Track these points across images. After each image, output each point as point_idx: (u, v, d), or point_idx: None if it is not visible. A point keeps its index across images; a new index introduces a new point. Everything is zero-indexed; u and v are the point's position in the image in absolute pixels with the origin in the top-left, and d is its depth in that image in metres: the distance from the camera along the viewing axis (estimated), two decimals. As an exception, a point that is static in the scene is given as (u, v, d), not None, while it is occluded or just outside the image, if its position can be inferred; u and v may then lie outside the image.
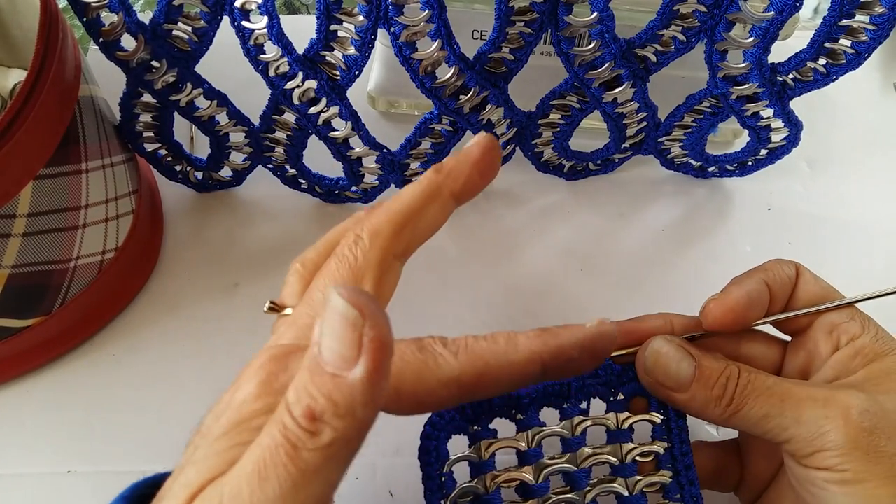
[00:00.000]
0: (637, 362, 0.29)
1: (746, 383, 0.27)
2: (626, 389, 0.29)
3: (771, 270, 0.30)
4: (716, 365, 0.28)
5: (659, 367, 0.28)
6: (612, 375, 0.29)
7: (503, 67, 0.35)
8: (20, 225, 0.31)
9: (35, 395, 0.36)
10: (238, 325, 0.39)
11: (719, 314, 0.29)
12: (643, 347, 0.29)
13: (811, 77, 0.36)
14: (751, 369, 0.28)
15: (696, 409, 0.28)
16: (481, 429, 0.27)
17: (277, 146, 0.40)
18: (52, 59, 0.30)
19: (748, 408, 0.27)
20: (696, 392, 0.28)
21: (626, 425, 0.29)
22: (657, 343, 0.29)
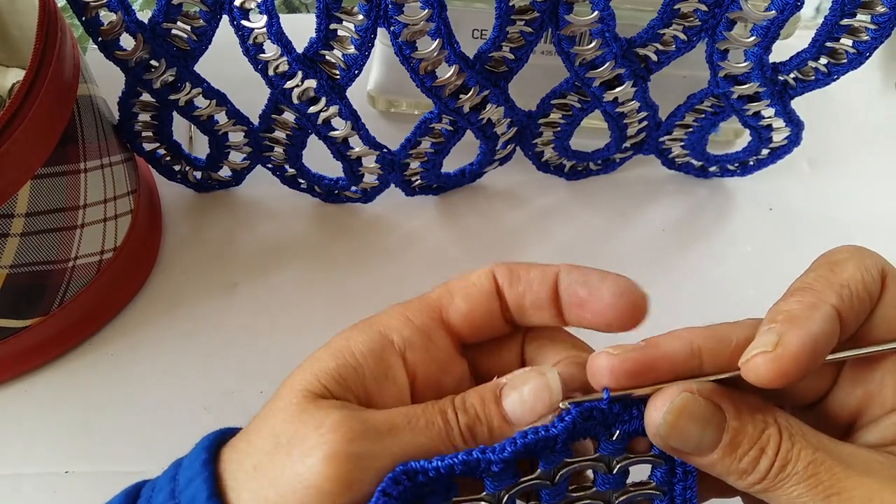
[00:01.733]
0: (647, 419, 0.23)
1: (786, 462, 0.21)
2: (625, 429, 0.24)
3: (849, 288, 0.22)
4: (749, 429, 0.22)
5: (676, 434, 0.22)
6: (610, 415, 0.24)
7: (503, 66, 0.35)
8: (18, 224, 0.31)
9: (33, 395, 0.36)
10: (237, 324, 0.39)
11: (770, 378, 0.21)
12: (657, 402, 0.22)
13: (812, 76, 0.35)
14: (794, 433, 0.22)
15: (714, 473, 0.23)
16: (436, 490, 0.23)
17: (277, 146, 0.40)
18: (51, 58, 0.30)
19: (782, 493, 0.21)
20: (720, 460, 0.22)
21: (620, 469, 0.24)
22: (678, 401, 0.22)
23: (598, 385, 0.23)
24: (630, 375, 0.23)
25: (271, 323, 0.39)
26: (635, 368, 0.23)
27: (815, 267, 0.23)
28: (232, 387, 0.37)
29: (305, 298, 0.40)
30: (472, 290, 0.26)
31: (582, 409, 0.23)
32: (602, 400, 0.23)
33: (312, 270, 0.41)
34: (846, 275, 0.22)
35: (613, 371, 0.23)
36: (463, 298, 0.25)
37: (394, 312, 0.26)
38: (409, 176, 0.41)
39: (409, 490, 0.22)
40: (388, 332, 0.25)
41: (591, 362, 0.23)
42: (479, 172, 0.43)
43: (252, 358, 0.38)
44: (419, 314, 0.25)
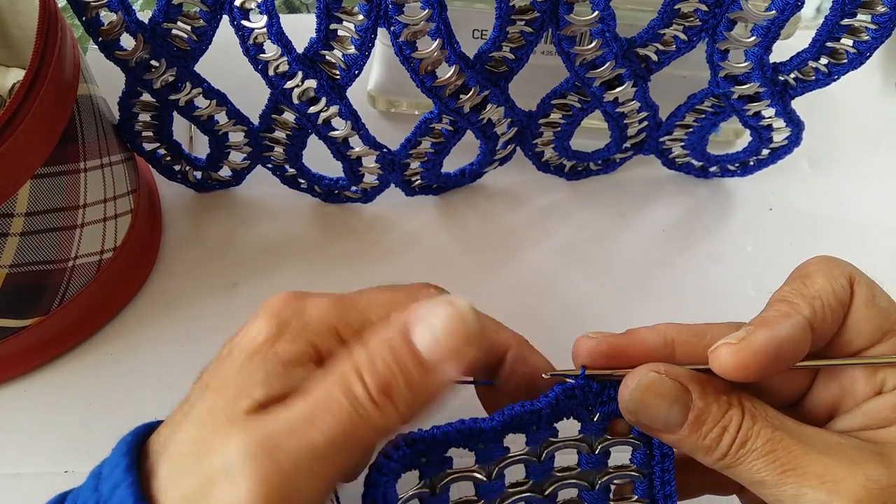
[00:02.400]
0: (620, 395, 0.25)
1: (746, 438, 0.23)
2: (604, 410, 0.26)
3: (819, 300, 0.24)
4: (714, 409, 0.24)
5: (644, 410, 0.24)
6: (590, 395, 0.26)
7: (504, 67, 0.35)
8: (18, 224, 0.31)
9: (33, 395, 0.36)
10: (237, 324, 0.39)
11: (731, 366, 0.23)
12: (628, 381, 0.25)
13: (813, 76, 0.35)
14: (756, 414, 0.24)
15: (682, 450, 0.25)
16: (432, 460, 0.24)
17: (277, 146, 0.40)
18: (51, 57, 0.30)
19: (743, 468, 0.23)
20: (686, 437, 0.24)
21: (601, 450, 0.26)
22: (645, 380, 0.24)
23: (577, 365, 0.26)
24: (605, 356, 0.25)
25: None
26: (610, 351, 0.25)
27: (789, 280, 0.25)
28: (232, 387, 0.37)
29: (305, 298, 0.40)
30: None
31: (564, 387, 0.25)
32: (578, 376, 0.25)
33: (312, 270, 0.41)
34: (817, 286, 0.24)
35: (590, 351, 0.25)
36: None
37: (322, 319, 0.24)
38: (409, 176, 0.41)
39: (407, 457, 0.23)
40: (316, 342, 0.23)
41: (575, 345, 0.26)
42: (480, 172, 0.43)
43: (252, 358, 0.38)
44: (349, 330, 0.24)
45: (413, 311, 0.22)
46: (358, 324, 0.24)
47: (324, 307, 0.24)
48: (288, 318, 0.24)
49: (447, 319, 0.22)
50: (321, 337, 0.23)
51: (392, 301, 0.24)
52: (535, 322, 0.40)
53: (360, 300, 0.25)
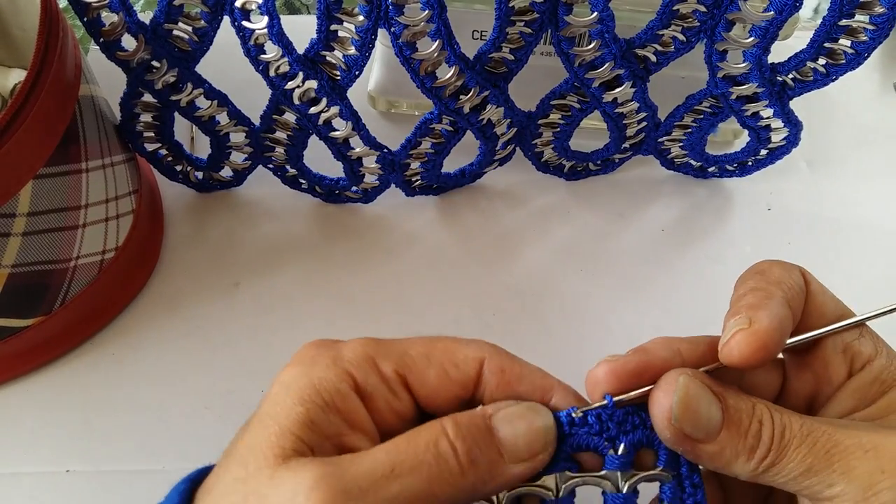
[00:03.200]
0: (654, 407, 0.23)
1: (783, 427, 0.22)
2: (628, 440, 0.23)
3: (784, 283, 0.24)
4: (743, 406, 0.23)
5: (688, 416, 0.23)
6: (611, 423, 0.23)
7: (503, 67, 0.35)
8: (20, 224, 0.31)
9: (35, 395, 0.36)
10: (238, 324, 0.39)
11: (750, 351, 0.23)
12: (664, 388, 0.23)
13: (811, 77, 0.36)
14: (778, 408, 0.23)
15: (721, 462, 0.23)
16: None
17: (278, 146, 0.40)
18: (53, 58, 0.30)
19: (787, 460, 0.22)
20: (726, 442, 0.23)
21: (629, 486, 0.23)
22: (686, 383, 0.23)
23: (598, 393, 0.24)
24: (631, 376, 0.24)
25: (272, 322, 0.39)
26: (636, 369, 0.24)
27: (745, 278, 0.26)
28: (233, 386, 0.37)
29: (306, 298, 0.40)
30: (451, 371, 0.24)
31: (586, 412, 0.24)
32: (607, 406, 0.24)
33: (313, 270, 0.41)
34: (776, 276, 0.25)
35: (616, 373, 0.24)
36: (437, 376, 0.24)
37: (358, 350, 0.23)
38: (409, 176, 0.41)
39: None
40: (353, 371, 0.23)
41: (591, 374, 0.24)
42: (479, 173, 0.43)
43: (253, 357, 0.38)
44: (387, 362, 0.23)
45: (501, 410, 0.23)
46: (396, 356, 0.23)
47: (357, 342, 0.24)
48: (320, 353, 0.23)
49: (536, 426, 0.23)
50: (357, 366, 0.23)
51: (430, 341, 0.24)
52: (535, 322, 0.40)
53: (396, 341, 0.24)
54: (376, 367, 0.23)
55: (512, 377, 0.24)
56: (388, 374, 0.23)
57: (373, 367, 0.23)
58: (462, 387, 0.24)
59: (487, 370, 0.24)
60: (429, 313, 0.40)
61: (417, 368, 0.23)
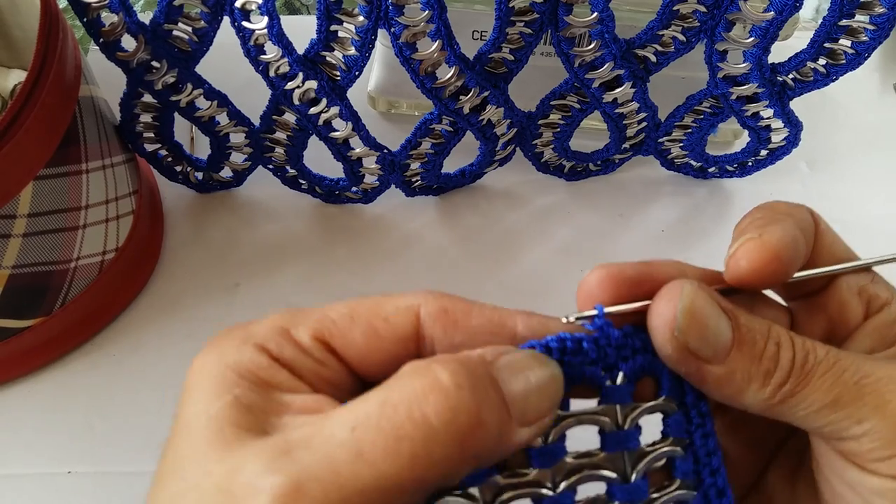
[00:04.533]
0: (654, 318, 0.20)
1: (805, 354, 0.20)
2: (628, 367, 0.20)
3: (794, 216, 0.22)
4: (757, 325, 0.20)
5: (695, 329, 0.19)
6: (609, 348, 0.20)
7: (503, 68, 0.35)
8: (20, 225, 0.31)
9: (35, 396, 0.36)
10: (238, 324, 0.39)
11: (761, 261, 0.20)
12: (666, 296, 0.20)
13: (811, 77, 0.36)
14: (796, 335, 0.20)
15: (731, 389, 0.20)
16: None
17: (278, 147, 0.40)
18: (53, 59, 0.30)
19: (811, 389, 0.19)
20: (737, 364, 0.20)
21: (631, 422, 0.20)
22: (692, 291, 0.20)
23: (591, 304, 0.21)
24: (630, 284, 0.20)
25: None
26: (636, 277, 0.21)
27: (751, 212, 0.23)
28: (233, 387, 0.37)
29: (306, 298, 0.40)
30: (380, 327, 0.20)
31: (569, 337, 0.20)
32: (597, 316, 0.20)
33: (313, 270, 0.41)
34: (783, 208, 0.22)
35: (613, 278, 0.20)
36: (365, 335, 0.20)
37: (269, 324, 0.20)
38: (409, 177, 0.41)
39: None
40: (265, 345, 0.20)
41: (584, 282, 0.21)
42: (479, 173, 0.43)
43: (253, 358, 0.38)
44: (303, 329, 0.20)
45: (503, 355, 0.19)
46: (313, 321, 0.20)
47: (269, 317, 0.20)
48: (230, 335, 0.20)
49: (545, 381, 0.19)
50: (270, 339, 0.19)
51: (355, 300, 0.20)
52: (534, 322, 0.40)
53: (315, 308, 0.21)
54: (291, 338, 0.20)
55: (458, 315, 0.20)
56: (306, 341, 0.20)
57: (287, 337, 0.20)
58: (398, 343, 0.20)
59: (426, 317, 0.20)
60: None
61: (340, 330, 0.20)
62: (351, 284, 0.41)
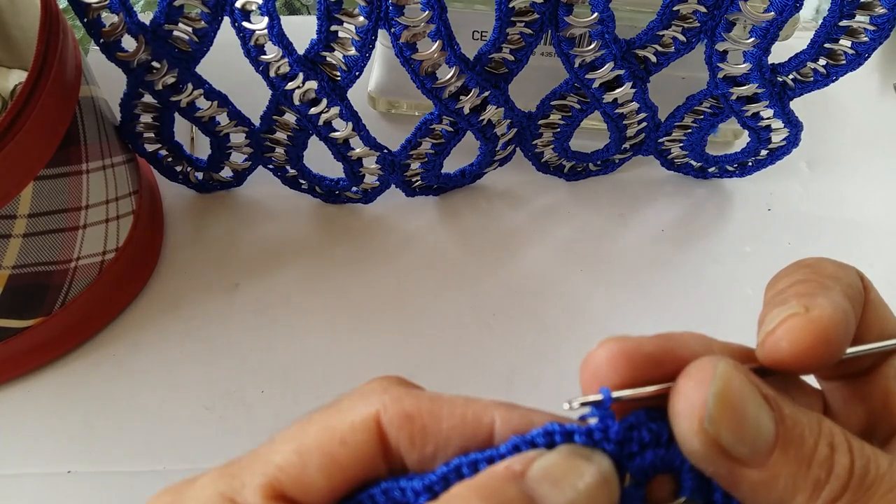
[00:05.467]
0: (678, 403, 0.16)
1: (866, 462, 0.16)
2: (637, 466, 0.17)
3: (842, 281, 0.18)
4: (805, 419, 0.16)
5: (730, 416, 0.16)
6: (606, 443, 0.17)
7: (503, 68, 0.35)
8: (21, 225, 0.31)
9: (35, 396, 0.36)
10: (238, 325, 0.39)
11: (807, 343, 0.16)
12: (695, 376, 0.16)
13: (811, 77, 0.36)
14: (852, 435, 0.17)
15: (771, 500, 0.16)
16: None
17: (278, 147, 0.40)
18: (53, 59, 0.30)
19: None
20: (781, 468, 0.16)
21: None
22: (727, 371, 0.16)
23: (597, 387, 0.17)
24: (648, 363, 0.17)
25: (272, 323, 0.39)
26: (655, 354, 0.17)
27: (787, 272, 0.19)
28: (233, 386, 0.37)
29: (306, 298, 0.40)
30: (339, 454, 0.16)
31: (565, 429, 0.17)
32: (603, 401, 0.17)
33: (313, 271, 0.41)
34: (829, 270, 0.19)
35: (627, 355, 0.17)
36: (322, 470, 0.16)
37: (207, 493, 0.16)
38: (409, 177, 0.42)
39: None
40: None
41: (590, 358, 0.17)
42: (479, 173, 0.43)
43: (253, 357, 0.38)
44: (249, 492, 0.16)
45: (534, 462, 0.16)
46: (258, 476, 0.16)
47: (202, 482, 0.17)
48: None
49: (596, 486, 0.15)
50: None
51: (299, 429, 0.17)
52: (535, 322, 0.40)
53: (252, 454, 0.17)
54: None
55: (426, 420, 0.17)
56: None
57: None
58: (362, 464, 0.17)
59: (389, 426, 0.17)
60: (429, 313, 0.40)
61: (291, 477, 0.16)
62: (351, 284, 0.41)
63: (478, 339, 0.39)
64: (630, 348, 0.17)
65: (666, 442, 0.17)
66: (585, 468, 0.16)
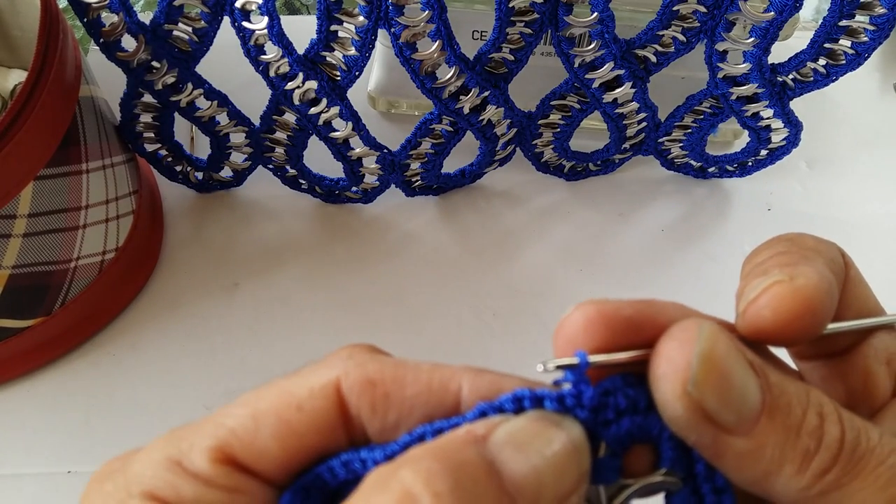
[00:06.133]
0: (661, 365, 0.15)
1: (857, 434, 0.15)
2: (611, 434, 0.16)
3: (824, 255, 0.18)
4: (793, 388, 0.15)
5: (716, 380, 0.15)
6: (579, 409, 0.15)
7: (503, 68, 0.35)
8: (21, 225, 0.31)
9: (35, 395, 0.36)
10: (238, 324, 0.39)
11: (791, 312, 0.16)
12: (679, 336, 0.15)
13: (811, 77, 0.36)
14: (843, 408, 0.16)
15: (757, 471, 0.15)
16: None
17: (278, 146, 0.40)
18: (53, 59, 0.30)
19: (860, 484, 0.15)
20: (768, 436, 0.15)
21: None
22: (713, 332, 0.15)
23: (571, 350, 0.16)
24: (628, 326, 0.16)
25: (272, 322, 0.39)
26: (635, 317, 0.16)
27: (767, 245, 0.19)
28: (233, 386, 0.37)
29: (306, 298, 0.40)
30: (294, 419, 0.15)
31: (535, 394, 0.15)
32: (578, 364, 0.15)
33: (313, 270, 0.41)
34: (810, 243, 0.18)
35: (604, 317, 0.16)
36: (277, 435, 0.15)
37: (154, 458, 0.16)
38: (409, 176, 0.42)
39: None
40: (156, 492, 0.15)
41: (568, 319, 0.16)
42: (479, 173, 0.43)
43: (253, 357, 0.38)
44: (197, 454, 0.15)
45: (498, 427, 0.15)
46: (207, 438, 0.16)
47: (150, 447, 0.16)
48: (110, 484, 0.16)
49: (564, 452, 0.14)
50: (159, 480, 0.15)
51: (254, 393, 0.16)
52: (535, 322, 0.40)
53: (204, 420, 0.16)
54: (185, 470, 0.15)
55: (389, 386, 0.16)
56: (205, 469, 0.15)
57: (180, 472, 0.15)
58: (320, 432, 0.16)
59: (349, 392, 0.16)
60: (429, 313, 0.40)
61: (243, 440, 0.15)
62: (351, 284, 0.41)
63: (478, 339, 0.39)
64: (608, 311, 0.16)
65: (644, 409, 0.16)
66: (554, 434, 0.15)
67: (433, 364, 0.16)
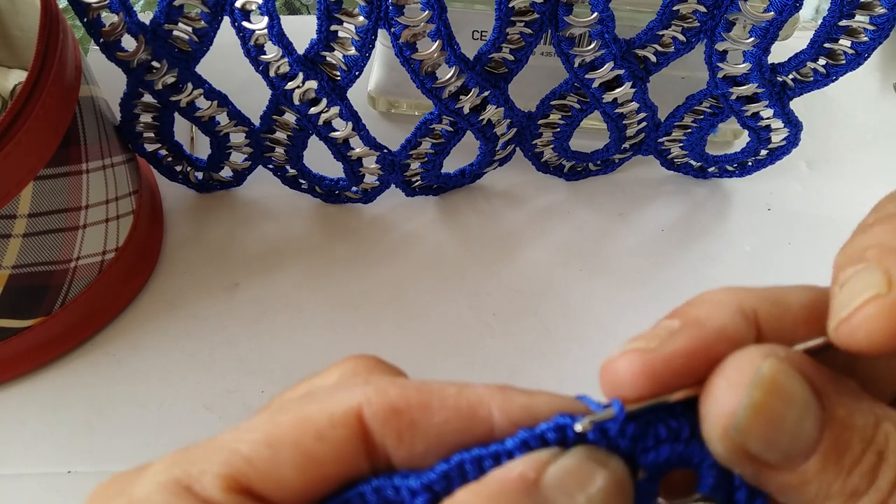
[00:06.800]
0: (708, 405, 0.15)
1: None
2: (651, 460, 0.16)
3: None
4: (860, 422, 0.14)
5: (765, 425, 0.14)
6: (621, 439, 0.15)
7: (503, 68, 0.35)
8: (21, 225, 0.31)
9: (35, 395, 0.36)
10: (238, 324, 0.39)
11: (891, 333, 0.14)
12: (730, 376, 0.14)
13: (811, 77, 0.36)
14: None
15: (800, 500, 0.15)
16: None
17: (278, 146, 0.40)
18: (53, 59, 0.30)
19: None
20: (815, 476, 0.14)
21: None
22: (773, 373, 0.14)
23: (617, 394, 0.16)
24: (674, 373, 0.15)
25: (272, 322, 0.39)
26: (683, 357, 0.15)
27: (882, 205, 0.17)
28: (233, 386, 0.37)
29: (306, 298, 0.40)
30: (316, 450, 0.15)
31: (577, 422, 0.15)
32: (615, 417, 0.15)
33: (313, 270, 0.41)
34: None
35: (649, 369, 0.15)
36: (297, 467, 0.15)
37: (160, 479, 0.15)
38: (409, 176, 0.42)
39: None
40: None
41: (608, 368, 0.16)
42: (479, 173, 0.43)
43: (253, 357, 0.38)
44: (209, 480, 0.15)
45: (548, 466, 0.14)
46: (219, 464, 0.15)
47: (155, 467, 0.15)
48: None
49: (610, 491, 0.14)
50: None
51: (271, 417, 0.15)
52: (535, 321, 0.40)
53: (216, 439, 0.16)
54: (196, 496, 0.14)
55: (414, 414, 0.15)
56: (217, 498, 0.14)
57: (190, 497, 0.14)
58: (341, 462, 0.15)
59: (373, 421, 0.15)
60: (429, 313, 0.40)
61: (260, 472, 0.15)
62: (351, 284, 0.41)
63: (478, 339, 0.39)
64: (656, 365, 0.15)
65: (686, 438, 0.16)
66: (600, 475, 0.14)
67: (457, 385, 0.16)
